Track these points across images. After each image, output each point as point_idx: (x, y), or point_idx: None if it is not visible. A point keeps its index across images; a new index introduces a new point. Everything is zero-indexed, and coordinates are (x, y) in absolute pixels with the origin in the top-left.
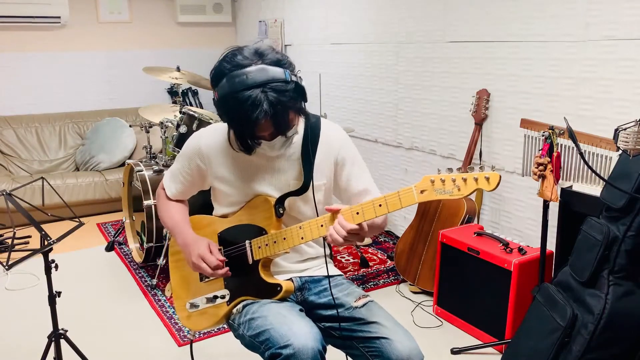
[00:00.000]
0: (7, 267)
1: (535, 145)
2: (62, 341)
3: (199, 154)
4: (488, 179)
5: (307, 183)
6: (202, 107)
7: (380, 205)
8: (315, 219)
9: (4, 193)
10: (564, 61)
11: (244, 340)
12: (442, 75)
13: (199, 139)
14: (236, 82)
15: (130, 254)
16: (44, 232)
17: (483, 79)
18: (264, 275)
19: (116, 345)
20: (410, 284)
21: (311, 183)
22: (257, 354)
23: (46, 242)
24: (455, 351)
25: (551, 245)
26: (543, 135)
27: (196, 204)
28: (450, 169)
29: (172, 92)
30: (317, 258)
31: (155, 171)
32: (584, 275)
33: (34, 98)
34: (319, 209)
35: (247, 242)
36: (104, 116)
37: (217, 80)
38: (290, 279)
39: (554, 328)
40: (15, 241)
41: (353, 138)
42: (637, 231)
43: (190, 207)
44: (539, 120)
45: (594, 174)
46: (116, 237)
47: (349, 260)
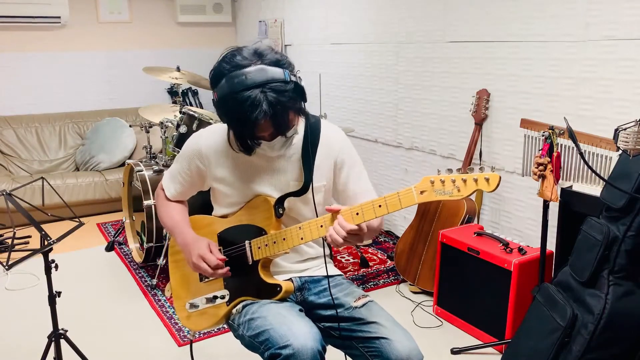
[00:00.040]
0: (7, 267)
1: (535, 145)
2: (62, 341)
3: (198, 155)
4: (488, 180)
5: (307, 184)
6: (202, 107)
7: (380, 206)
8: (315, 220)
9: (4, 193)
10: (564, 61)
11: (243, 341)
12: (442, 75)
13: (198, 139)
14: (235, 82)
15: (130, 254)
16: (44, 232)
17: (483, 79)
18: (263, 275)
19: (116, 345)
20: (410, 284)
21: (311, 184)
22: (257, 354)
23: (46, 242)
24: (455, 351)
25: (551, 245)
26: (543, 135)
27: (196, 204)
28: (450, 170)
29: (172, 92)
30: (316, 258)
31: (155, 171)
32: (584, 275)
33: (34, 98)
34: (319, 211)
35: (246, 242)
36: (104, 116)
37: (216, 80)
38: (289, 279)
39: (554, 328)
40: (15, 241)
41: (353, 138)
42: (637, 231)
43: (190, 207)
44: (539, 120)
45: (594, 174)
46: (116, 237)
47: (349, 260)
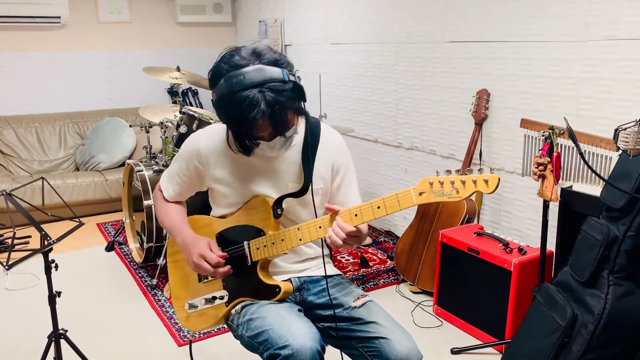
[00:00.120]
0: (7, 267)
1: (535, 145)
2: (62, 341)
3: (197, 155)
4: (487, 181)
5: (306, 186)
6: (202, 107)
7: (378, 207)
8: (314, 221)
9: (4, 193)
10: (564, 61)
11: (243, 341)
12: (442, 75)
13: (197, 140)
14: (233, 82)
15: (130, 254)
16: (44, 232)
17: (483, 79)
18: (262, 276)
19: (116, 345)
20: (410, 284)
21: (310, 186)
22: (257, 355)
23: (46, 242)
24: (455, 351)
25: (551, 245)
26: (543, 135)
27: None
28: (448, 171)
29: (172, 92)
30: (315, 258)
31: (155, 171)
32: (584, 275)
33: (34, 98)
34: (317, 213)
35: (245, 243)
36: (104, 116)
37: (215, 81)
38: (288, 280)
39: (554, 328)
40: (15, 241)
41: (353, 138)
42: (637, 231)
43: (190, 207)
44: (539, 120)
45: (594, 174)
46: (116, 237)
47: (349, 260)
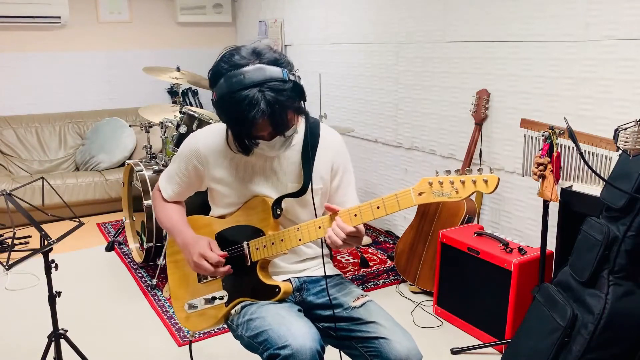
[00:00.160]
0: (7, 267)
1: (535, 145)
2: (62, 341)
3: (196, 155)
4: (486, 181)
5: (306, 186)
6: (202, 107)
7: (378, 208)
8: (313, 221)
9: (4, 193)
10: (564, 61)
11: (243, 341)
12: (442, 75)
13: (197, 139)
14: (233, 82)
15: (130, 254)
16: (44, 232)
17: (483, 79)
18: (262, 276)
19: (116, 345)
20: (410, 284)
21: (310, 186)
22: (257, 355)
23: (46, 242)
24: (455, 351)
25: (551, 245)
26: (543, 135)
27: (195, 204)
28: (448, 171)
29: (172, 92)
30: (315, 258)
31: (155, 171)
32: (584, 275)
33: (34, 98)
34: (317, 213)
35: (245, 243)
36: (104, 116)
37: (215, 80)
38: (288, 280)
39: (554, 328)
40: (15, 241)
41: (353, 138)
42: (637, 231)
43: (190, 207)
44: (539, 120)
45: (594, 174)
46: (116, 237)
47: (349, 260)
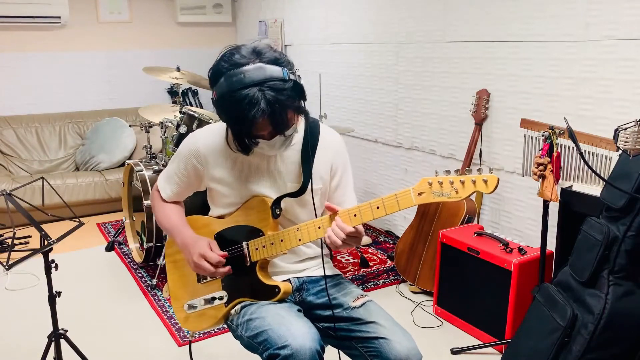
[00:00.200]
0: (7, 267)
1: (535, 145)
2: (62, 341)
3: (196, 155)
4: (486, 181)
5: (305, 185)
6: (202, 107)
7: (378, 208)
8: (313, 221)
9: (4, 193)
10: (564, 61)
11: (242, 341)
12: (442, 75)
13: (196, 139)
14: (234, 81)
15: (130, 254)
16: (44, 232)
17: (483, 79)
18: (261, 276)
19: (116, 345)
20: (410, 284)
21: (310, 186)
22: (257, 355)
23: (46, 242)
24: (455, 351)
25: (551, 245)
26: (543, 135)
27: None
28: (447, 171)
29: (172, 92)
30: (314, 258)
31: (155, 171)
32: (584, 275)
33: (34, 98)
34: (317, 213)
35: (244, 243)
36: (104, 116)
37: (215, 79)
38: (288, 280)
39: (554, 328)
40: (15, 241)
41: (353, 138)
42: (637, 231)
43: (190, 207)
44: (539, 120)
45: (594, 174)
46: (116, 237)
47: (349, 260)
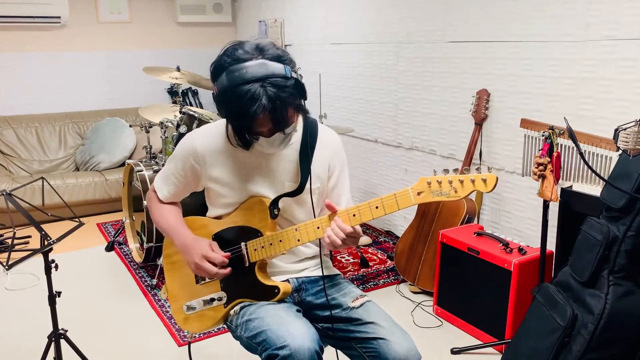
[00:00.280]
0: (7, 267)
1: (535, 145)
2: (62, 341)
3: (193, 154)
4: (485, 180)
5: (303, 185)
6: (202, 107)
7: (377, 207)
8: (312, 221)
9: (4, 193)
10: (564, 61)
11: (242, 342)
12: (442, 75)
13: (193, 139)
14: (235, 76)
15: (130, 254)
16: (44, 232)
17: (483, 79)
18: (260, 277)
19: (116, 345)
20: (410, 284)
21: (308, 186)
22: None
23: (46, 242)
24: (455, 351)
25: (551, 245)
26: (543, 135)
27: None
28: (446, 170)
29: (172, 92)
30: (313, 258)
31: (155, 171)
32: (584, 275)
33: (34, 98)
34: (315, 212)
35: (242, 244)
36: (104, 116)
37: (216, 74)
38: (287, 280)
39: (554, 328)
40: (15, 241)
41: (353, 138)
42: (637, 231)
43: (190, 208)
44: (539, 120)
45: (594, 174)
46: (116, 237)
47: (349, 260)
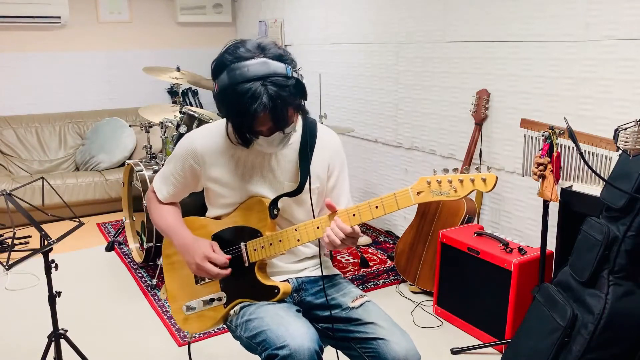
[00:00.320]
0: (7, 267)
1: (535, 145)
2: (62, 341)
3: (193, 155)
4: (484, 180)
5: (303, 185)
6: (202, 107)
7: (376, 207)
8: (311, 221)
9: (4, 193)
10: (564, 61)
11: (242, 342)
12: (442, 75)
13: (192, 139)
14: (237, 74)
15: (130, 254)
16: (44, 232)
17: (483, 79)
18: (260, 277)
19: (116, 345)
20: (410, 284)
21: (307, 186)
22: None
23: (46, 242)
24: (455, 351)
25: (551, 245)
26: (543, 135)
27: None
28: (446, 170)
29: (172, 92)
30: (313, 258)
31: (155, 171)
32: (584, 275)
33: (34, 98)
34: (314, 212)
35: (242, 244)
36: (104, 116)
37: (217, 71)
38: (287, 280)
39: (554, 328)
40: (15, 241)
41: (353, 138)
42: (637, 231)
43: (189, 208)
44: (539, 120)
45: (594, 174)
46: (116, 237)
47: (349, 260)
